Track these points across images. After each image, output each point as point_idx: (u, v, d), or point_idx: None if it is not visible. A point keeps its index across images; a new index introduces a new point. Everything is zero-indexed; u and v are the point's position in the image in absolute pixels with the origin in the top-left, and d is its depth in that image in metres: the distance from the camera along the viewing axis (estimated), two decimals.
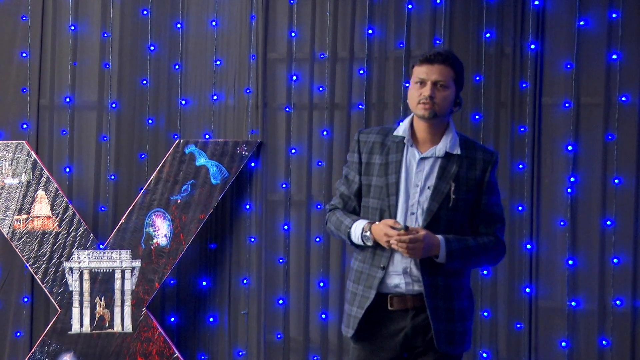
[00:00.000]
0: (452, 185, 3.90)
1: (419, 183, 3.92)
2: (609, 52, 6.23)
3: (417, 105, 3.91)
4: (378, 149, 3.99)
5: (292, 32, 6.59)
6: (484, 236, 3.98)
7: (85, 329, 6.47)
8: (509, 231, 6.26)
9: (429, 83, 3.88)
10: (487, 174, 3.97)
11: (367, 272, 3.97)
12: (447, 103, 3.91)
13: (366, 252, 3.99)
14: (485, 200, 3.97)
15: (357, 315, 3.96)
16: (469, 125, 6.38)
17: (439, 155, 3.94)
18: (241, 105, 6.65)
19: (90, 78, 6.75)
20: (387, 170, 3.95)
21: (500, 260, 4.08)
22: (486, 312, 6.37)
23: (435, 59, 3.89)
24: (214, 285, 6.68)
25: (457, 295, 3.94)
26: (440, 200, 3.90)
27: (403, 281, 3.91)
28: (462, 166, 3.94)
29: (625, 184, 6.21)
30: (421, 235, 3.80)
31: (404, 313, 3.93)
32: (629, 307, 6.19)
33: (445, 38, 6.40)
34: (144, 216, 6.49)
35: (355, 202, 4.06)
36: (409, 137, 3.97)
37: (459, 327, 3.93)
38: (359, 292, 3.98)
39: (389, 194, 3.93)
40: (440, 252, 3.86)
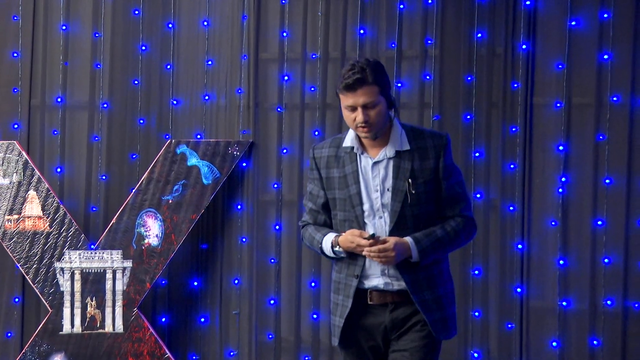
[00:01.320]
0: (409, 182, 3.93)
1: (378, 187, 3.97)
2: (600, 52, 6.25)
3: (357, 128, 3.93)
4: (333, 162, 4.05)
5: (284, 32, 6.59)
6: (450, 220, 4.01)
7: (76, 330, 6.46)
8: (500, 231, 6.33)
9: (359, 108, 3.89)
10: (441, 159, 3.99)
11: (344, 282, 4.04)
12: (382, 118, 3.92)
13: (342, 262, 4.06)
14: (445, 185, 3.99)
15: (339, 324, 4.04)
16: (460, 126, 6.38)
17: (390, 156, 3.97)
18: (233, 105, 6.63)
19: (82, 78, 6.73)
20: (346, 182, 4.00)
21: (474, 236, 4.12)
22: (477, 312, 6.38)
23: (357, 84, 3.87)
24: (205, 285, 6.67)
25: (440, 282, 4.01)
26: (401, 199, 3.93)
27: (382, 282, 3.99)
28: (414, 159, 3.97)
29: (616, 184, 6.23)
30: (390, 244, 3.87)
31: (383, 307, 4.00)
32: (620, 307, 6.21)
33: (436, 38, 6.41)
34: (135, 216, 6.48)
35: (324, 214, 4.12)
36: (358, 146, 4.00)
37: (449, 311, 4.03)
38: (339, 302, 4.06)
39: (353, 205, 3.98)
40: (413, 253, 3.91)
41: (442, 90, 6.44)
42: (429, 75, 6.43)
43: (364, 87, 3.87)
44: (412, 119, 6.42)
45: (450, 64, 6.42)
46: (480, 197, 6.38)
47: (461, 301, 6.31)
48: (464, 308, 6.36)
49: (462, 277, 6.36)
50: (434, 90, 6.43)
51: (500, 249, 6.35)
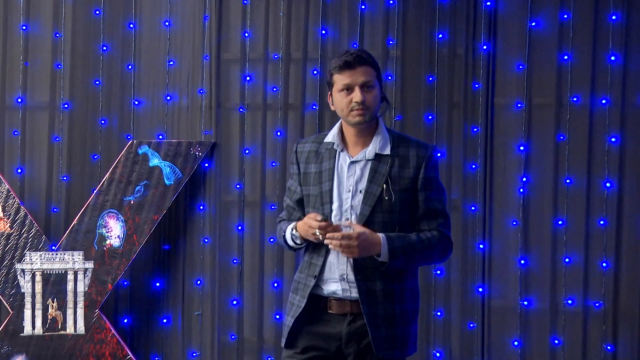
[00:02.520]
0: (384, 187, 3.83)
1: (351, 188, 3.86)
2: (560, 53, 6.28)
3: (350, 112, 3.83)
4: (313, 157, 3.96)
5: (246, 32, 6.58)
6: (427, 232, 3.87)
7: (37, 331, 6.42)
8: (461, 231, 6.33)
9: (357, 88, 3.81)
10: (422, 170, 3.88)
11: (303, 282, 3.94)
12: (377, 102, 3.85)
13: (304, 262, 3.97)
14: (423, 196, 3.88)
15: (289, 324, 3.94)
16: (422, 126, 6.40)
17: (369, 157, 3.87)
18: (194, 106, 6.62)
19: (42, 78, 6.68)
20: (320, 178, 3.91)
21: (448, 256, 3.97)
22: (439, 312, 6.40)
23: (356, 62, 3.81)
24: (168, 286, 6.66)
25: (399, 299, 3.84)
26: (372, 204, 3.83)
27: (340, 288, 3.87)
28: (393, 165, 3.87)
29: (576, 183, 6.27)
30: (355, 232, 3.72)
31: (342, 317, 3.87)
32: (580, 306, 6.24)
33: (398, 39, 6.42)
34: (96, 217, 6.45)
35: (299, 212, 4.02)
36: (339, 142, 3.91)
37: (400, 331, 3.85)
38: (295, 302, 3.96)
39: (323, 202, 3.88)
40: (382, 249, 3.76)
41: (404, 91, 6.44)
42: (391, 75, 6.44)
43: (363, 65, 3.81)
44: None
45: (412, 64, 6.43)
46: None
47: (423, 301, 6.12)
48: (426, 308, 6.36)
49: (424, 277, 6.36)
50: (396, 91, 6.43)
51: (462, 248, 6.35)
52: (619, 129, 6.23)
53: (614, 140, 6.23)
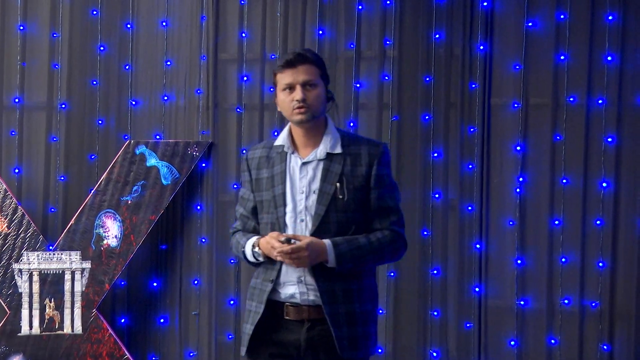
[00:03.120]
0: (337, 186, 3.80)
1: (304, 189, 3.83)
2: (556, 53, 6.29)
3: (292, 112, 3.81)
4: (264, 163, 3.92)
5: (243, 32, 6.56)
6: (377, 232, 3.83)
7: (34, 331, 6.41)
8: (458, 231, 6.35)
9: (298, 86, 3.79)
10: (374, 168, 3.84)
11: (259, 288, 3.88)
12: (320, 101, 3.81)
13: (260, 268, 3.91)
14: (375, 194, 3.83)
15: (249, 332, 3.87)
16: (419, 126, 6.40)
17: (320, 157, 3.84)
18: (192, 106, 6.61)
19: (40, 78, 6.67)
20: (273, 182, 3.87)
21: (401, 255, 3.92)
22: (436, 312, 6.40)
23: (297, 61, 3.79)
24: (165, 286, 6.64)
25: (358, 299, 3.80)
26: (327, 203, 3.79)
27: (298, 291, 3.81)
28: (345, 164, 3.83)
29: (572, 183, 6.27)
30: (304, 244, 3.69)
31: (300, 324, 3.82)
32: (577, 306, 6.25)
33: (395, 39, 6.42)
34: (94, 217, 6.43)
35: (253, 220, 3.97)
36: (289, 144, 3.88)
37: (361, 331, 3.81)
38: (252, 308, 3.89)
39: (276, 206, 3.84)
40: (329, 256, 3.74)
41: (401, 91, 6.44)
42: (388, 75, 6.44)
43: (305, 64, 3.80)
44: (371, 120, 6.46)
45: (409, 64, 6.43)
46: (438, 197, 6.40)
47: (420, 301, 6.39)
48: (423, 308, 6.38)
49: (421, 277, 6.38)
50: (393, 91, 6.44)
51: (459, 248, 6.36)
52: (616, 129, 6.23)
53: (610, 140, 6.23)
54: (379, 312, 6.33)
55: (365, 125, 6.48)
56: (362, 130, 6.44)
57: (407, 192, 6.37)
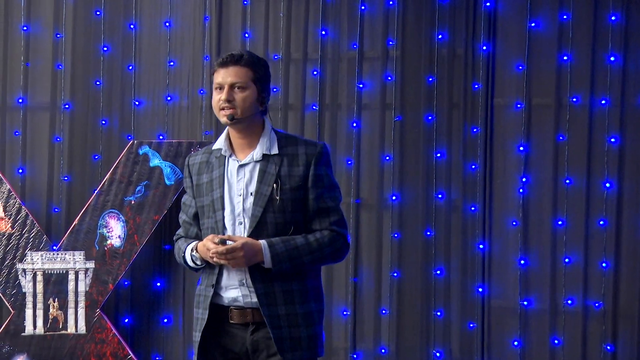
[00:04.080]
0: (274, 187, 3.78)
1: (241, 191, 3.80)
2: (559, 53, 6.30)
3: (219, 112, 3.80)
4: (204, 168, 3.90)
5: (246, 32, 6.57)
6: (317, 233, 3.80)
7: (38, 331, 6.40)
8: (461, 231, 6.36)
9: (226, 86, 3.78)
10: (312, 168, 3.81)
11: (203, 294, 3.85)
12: (247, 104, 3.78)
13: (203, 274, 3.89)
14: (313, 194, 3.80)
15: (197, 339, 3.84)
16: (422, 126, 6.41)
17: (257, 159, 3.81)
18: (195, 106, 6.60)
19: (43, 79, 6.67)
20: (211, 186, 3.85)
21: (343, 255, 3.87)
22: (439, 312, 6.40)
23: (228, 62, 3.79)
24: (168, 286, 6.63)
25: (300, 300, 3.78)
26: (263, 204, 3.76)
27: (240, 294, 3.78)
28: (282, 165, 3.81)
29: (575, 184, 6.27)
30: (239, 244, 3.67)
31: (245, 327, 3.79)
32: (580, 306, 6.25)
33: (397, 39, 6.42)
34: (97, 217, 6.42)
35: (195, 227, 3.95)
36: (227, 147, 3.86)
37: (305, 331, 3.77)
38: (199, 315, 3.86)
39: (215, 210, 3.82)
40: (264, 257, 3.71)
41: (404, 91, 6.45)
42: (391, 76, 6.45)
43: (237, 66, 3.79)
44: (374, 120, 6.46)
45: (412, 65, 6.44)
46: (441, 198, 6.40)
47: (424, 301, 6.39)
48: (426, 308, 6.38)
49: (424, 278, 6.38)
50: (396, 91, 6.44)
51: (462, 249, 6.37)
52: (619, 130, 6.24)
53: (613, 141, 6.24)
54: (383, 312, 6.38)
55: (368, 125, 6.49)
56: (365, 131, 6.46)
57: (410, 192, 6.39)
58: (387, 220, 6.44)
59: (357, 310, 6.45)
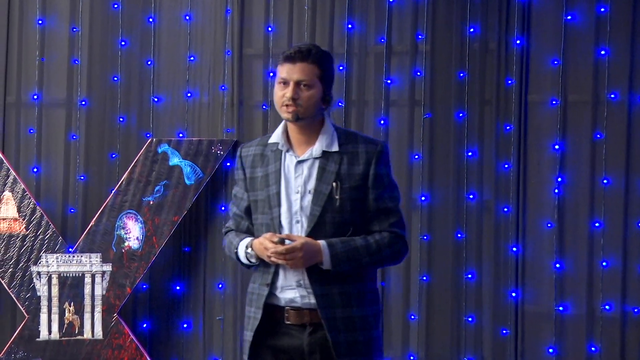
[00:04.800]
0: (334, 186, 3.77)
1: (299, 188, 3.80)
2: (597, 47, 6.19)
3: (281, 107, 3.78)
4: (259, 161, 3.89)
5: (269, 26, 6.53)
6: (376, 234, 3.81)
7: (53, 336, 6.41)
8: (494, 233, 6.32)
9: (292, 83, 3.75)
10: (373, 167, 3.81)
11: (256, 292, 3.84)
12: (312, 103, 3.76)
13: (256, 272, 3.89)
14: (373, 195, 3.81)
15: (249, 339, 3.83)
16: (453, 124, 6.35)
17: (316, 155, 3.80)
18: (216, 103, 6.59)
19: (59, 74, 6.69)
20: (267, 181, 3.83)
21: (402, 257, 3.90)
22: (470, 318, 6.34)
23: (296, 57, 3.76)
24: (188, 290, 6.62)
25: (357, 302, 3.78)
26: (322, 204, 3.76)
27: (298, 294, 3.77)
28: (342, 163, 3.80)
29: (614, 184, 6.18)
30: (298, 244, 3.67)
31: (301, 328, 3.79)
32: (619, 311, 6.17)
33: (427, 33, 6.38)
34: (115, 218, 6.43)
35: (247, 220, 3.94)
36: (284, 142, 3.84)
37: (362, 336, 3.78)
38: (251, 314, 3.86)
39: (271, 206, 3.80)
40: (324, 257, 3.71)
41: (434, 87, 6.39)
42: (420, 71, 6.38)
43: (304, 62, 3.76)
44: (402, 117, 6.43)
45: (442, 59, 6.38)
46: (473, 199, 6.35)
47: (454, 306, 6.38)
48: (457, 313, 6.34)
49: (455, 282, 6.33)
50: (425, 87, 6.38)
51: (495, 252, 6.29)
52: None
53: None
54: (411, 317, 6.37)
55: (396, 123, 6.45)
56: (393, 129, 6.44)
57: (440, 193, 6.38)
58: (416, 221, 6.39)
59: (385, 315, 6.40)
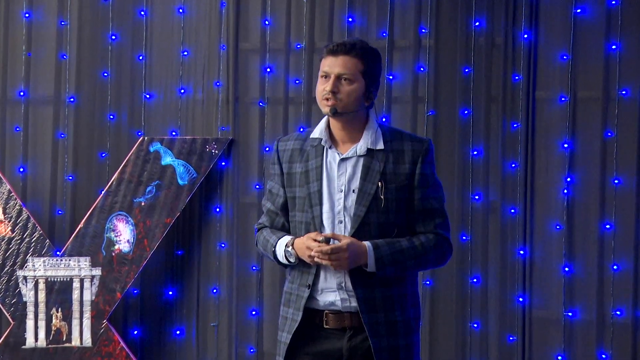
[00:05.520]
0: (379, 185, 3.73)
1: (343, 187, 3.76)
2: (607, 42, 6.13)
3: (322, 101, 3.76)
4: (297, 156, 3.86)
5: (266, 20, 6.49)
6: (421, 236, 3.78)
7: (40, 343, 6.36)
8: (500, 235, 6.31)
9: (332, 76, 3.73)
10: (418, 166, 3.78)
11: (295, 293, 3.80)
12: (352, 99, 3.72)
13: (294, 271, 3.84)
14: (419, 195, 3.77)
15: (286, 341, 3.77)
16: (457, 121, 6.32)
17: (360, 153, 3.76)
18: (210, 100, 6.55)
19: (46, 70, 6.64)
20: (308, 178, 3.80)
21: (446, 260, 3.89)
22: (476, 324, 6.28)
23: (338, 50, 3.74)
24: (181, 295, 6.58)
25: (400, 306, 3.75)
26: (367, 204, 3.72)
27: (339, 297, 3.73)
28: (388, 161, 3.77)
29: (625, 184, 6.10)
30: (344, 244, 3.63)
31: (341, 333, 3.74)
32: (630, 317, 6.10)
33: (431, 27, 6.36)
34: (104, 220, 6.40)
35: (283, 217, 3.90)
36: (327, 138, 3.81)
37: (403, 341, 3.75)
38: (289, 315, 3.81)
39: (312, 204, 3.76)
40: (369, 259, 3.67)
41: (438, 83, 6.35)
42: (423, 67, 6.33)
43: (347, 56, 3.74)
44: (405, 114, 6.41)
45: (446, 54, 6.33)
46: (478, 199, 6.29)
47: (458, 312, 6.38)
48: (462, 319, 6.31)
49: (460, 286, 6.29)
50: (429, 83, 6.34)
51: (501, 255, 6.24)
52: None
53: None
54: None
55: (399, 120, 6.39)
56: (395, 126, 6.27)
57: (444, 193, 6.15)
58: None
59: None
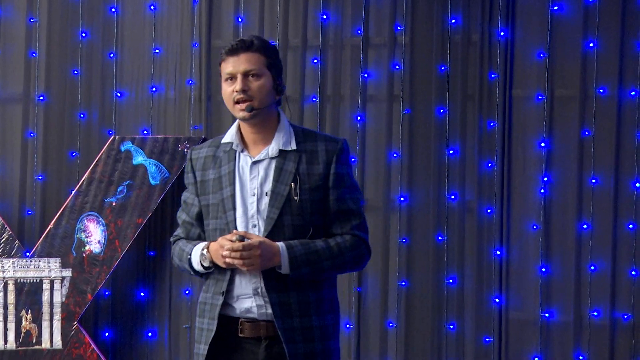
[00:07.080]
0: (292, 187, 3.66)
1: (255, 190, 3.69)
2: (584, 40, 6.19)
3: (234, 105, 3.67)
4: (210, 163, 3.78)
5: (239, 17, 6.46)
6: (337, 237, 3.71)
7: (9, 346, 6.31)
8: (476, 236, 6.33)
9: (239, 75, 3.66)
10: (333, 166, 3.70)
11: (209, 302, 3.70)
12: (264, 93, 3.65)
13: (209, 280, 3.74)
14: (334, 195, 3.70)
15: (204, 352, 3.67)
16: (433, 120, 6.33)
17: (272, 155, 3.69)
18: (183, 98, 6.52)
19: (15, 68, 6.59)
20: (220, 184, 3.72)
21: (365, 262, 3.80)
22: (452, 325, 6.28)
23: (239, 48, 3.67)
24: (153, 296, 6.52)
25: (316, 311, 3.68)
26: (280, 206, 3.65)
27: (255, 304, 3.65)
28: (301, 162, 3.70)
29: (602, 183, 6.17)
30: (256, 241, 3.55)
31: (257, 342, 3.66)
32: (607, 318, 6.15)
33: (406, 24, 6.36)
34: (75, 221, 6.33)
35: (198, 228, 3.82)
36: (238, 142, 3.73)
37: (320, 345, 3.67)
38: (204, 326, 3.71)
39: (225, 210, 3.68)
40: (282, 260, 3.59)
41: (413, 82, 6.33)
42: (399, 65, 6.33)
43: (248, 52, 3.67)
44: (380, 113, 6.40)
45: (422, 52, 6.33)
46: (454, 199, 6.29)
47: (434, 313, 6.38)
48: (438, 320, 6.30)
49: (435, 287, 6.29)
50: (404, 82, 6.33)
51: (477, 255, 6.24)
52: None
53: None
54: (389, 325, 6.32)
55: (374, 119, 6.39)
56: (370, 125, 6.42)
57: (420, 193, 6.37)
58: (394, 223, 6.33)
59: (362, 323, 6.35)
